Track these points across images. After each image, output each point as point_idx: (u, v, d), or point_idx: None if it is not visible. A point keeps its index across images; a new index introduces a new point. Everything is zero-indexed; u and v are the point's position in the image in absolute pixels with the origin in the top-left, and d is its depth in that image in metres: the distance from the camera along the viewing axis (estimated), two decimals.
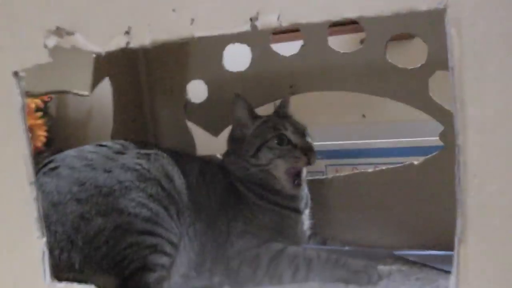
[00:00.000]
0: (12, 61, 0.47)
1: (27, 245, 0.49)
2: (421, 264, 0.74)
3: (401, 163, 0.85)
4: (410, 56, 0.80)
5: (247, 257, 0.73)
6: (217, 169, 0.82)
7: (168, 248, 0.68)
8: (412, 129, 1.01)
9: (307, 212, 0.84)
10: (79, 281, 0.50)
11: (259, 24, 0.36)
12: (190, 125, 0.99)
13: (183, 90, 0.96)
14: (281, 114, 0.85)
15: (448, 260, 0.69)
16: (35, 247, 0.49)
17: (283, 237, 0.77)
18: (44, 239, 0.49)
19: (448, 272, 0.65)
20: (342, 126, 1.23)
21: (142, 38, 0.41)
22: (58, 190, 0.66)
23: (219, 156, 0.91)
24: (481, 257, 0.36)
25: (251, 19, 0.36)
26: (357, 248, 0.82)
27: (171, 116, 0.99)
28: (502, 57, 0.31)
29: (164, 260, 0.68)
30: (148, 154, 0.73)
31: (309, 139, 0.81)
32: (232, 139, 0.84)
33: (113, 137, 0.90)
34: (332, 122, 1.19)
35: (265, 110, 0.89)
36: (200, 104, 0.97)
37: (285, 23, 0.35)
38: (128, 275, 0.65)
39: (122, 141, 0.77)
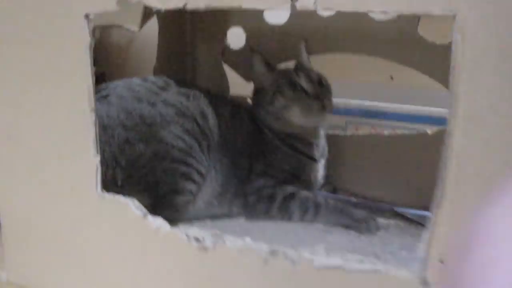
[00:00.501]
0: (85, 5, 0.54)
1: (85, 160, 0.59)
2: (418, 223, 0.82)
3: (417, 129, 0.91)
4: (441, 31, 0.83)
5: (263, 195, 0.82)
6: (247, 113, 0.90)
7: (196, 177, 0.78)
8: (435, 98, 1.06)
9: (322, 161, 0.92)
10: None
11: (298, 5, 0.42)
12: (226, 68, 1.06)
13: (223, 36, 1.02)
14: (298, 66, 0.90)
15: None
16: (91, 162, 0.59)
17: (298, 181, 0.86)
18: (99, 157, 0.59)
19: None
20: (368, 85, 1.28)
21: (198, 2, 0.48)
22: (108, 115, 0.75)
23: (249, 100, 0.99)
24: (452, 222, 0.44)
25: (291, 0, 0.43)
26: (363, 201, 0.90)
27: (209, 58, 1.06)
28: (495, 65, 0.37)
29: (192, 186, 0.78)
30: (188, 94, 0.81)
31: (324, 87, 0.86)
32: (255, 92, 0.91)
33: (155, 72, 0.98)
34: (359, 79, 1.23)
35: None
36: (237, 51, 1.03)
37: (319, 8, 0.41)
38: (160, 196, 0.76)
39: (165, 78, 0.85)
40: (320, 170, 0.91)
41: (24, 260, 0.70)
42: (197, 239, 0.55)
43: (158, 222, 0.58)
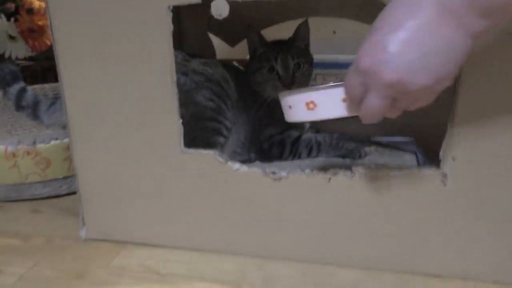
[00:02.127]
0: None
1: (168, 125, 0.74)
2: (391, 146, 1.07)
3: None
4: None
5: (275, 141, 1.00)
6: (246, 76, 1.06)
7: (225, 132, 0.94)
8: None
9: None
10: None
11: None
12: (211, 35, 1.20)
13: (207, 7, 1.15)
14: (290, 40, 1.02)
15: (410, 144, 1.05)
16: (174, 126, 0.74)
17: (293, 127, 1.06)
18: (181, 120, 0.74)
19: (410, 152, 0.99)
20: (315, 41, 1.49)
21: None
22: None
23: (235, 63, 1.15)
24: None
25: None
26: (343, 135, 1.13)
27: (195, 28, 1.19)
28: None
29: (222, 140, 0.94)
30: (209, 63, 0.96)
31: (299, 72, 0.98)
32: (250, 60, 1.04)
33: None
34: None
35: None
36: (221, 20, 1.17)
37: None
38: None
39: (179, 52, 0.97)
40: None
41: (104, 218, 0.83)
42: (273, 172, 0.74)
43: (237, 165, 0.75)
